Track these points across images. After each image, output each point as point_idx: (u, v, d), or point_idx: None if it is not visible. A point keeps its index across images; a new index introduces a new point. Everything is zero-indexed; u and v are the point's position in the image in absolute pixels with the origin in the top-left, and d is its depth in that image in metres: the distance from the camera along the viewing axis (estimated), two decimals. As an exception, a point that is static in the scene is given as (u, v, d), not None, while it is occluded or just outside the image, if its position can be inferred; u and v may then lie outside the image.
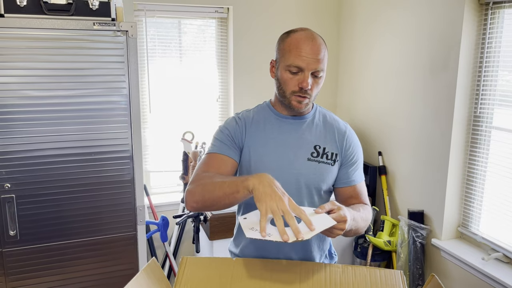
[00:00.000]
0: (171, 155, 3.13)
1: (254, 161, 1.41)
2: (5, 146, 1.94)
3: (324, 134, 1.45)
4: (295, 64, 1.31)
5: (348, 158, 1.45)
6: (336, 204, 1.19)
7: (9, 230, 1.99)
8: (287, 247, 1.45)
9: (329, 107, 3.38)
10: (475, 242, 2.42)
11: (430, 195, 2.56)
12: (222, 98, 3.20)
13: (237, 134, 1.43)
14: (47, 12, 1.92)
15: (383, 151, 2.94)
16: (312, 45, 1.31)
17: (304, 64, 1.31)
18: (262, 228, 1.06)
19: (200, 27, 3.07)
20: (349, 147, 1.46)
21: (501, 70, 2.22)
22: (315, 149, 1.42)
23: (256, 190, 1.11)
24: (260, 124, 1.45)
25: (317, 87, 1.36)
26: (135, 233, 2.21)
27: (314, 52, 1.31)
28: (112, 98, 2.05)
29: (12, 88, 1.91)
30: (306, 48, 1.31)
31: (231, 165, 1.40)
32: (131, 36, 2.02)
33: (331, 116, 1.51)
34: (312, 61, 1.31)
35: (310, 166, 1.41)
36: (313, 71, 1.32)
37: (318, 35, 1.35)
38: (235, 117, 1.48)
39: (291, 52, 1.32)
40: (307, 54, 1.30)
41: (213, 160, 1.39)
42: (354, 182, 1.45)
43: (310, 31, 1.36)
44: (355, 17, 3.14)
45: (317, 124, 1.46)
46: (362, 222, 1.33)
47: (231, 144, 1.42)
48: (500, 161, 2.25)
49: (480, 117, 2.34)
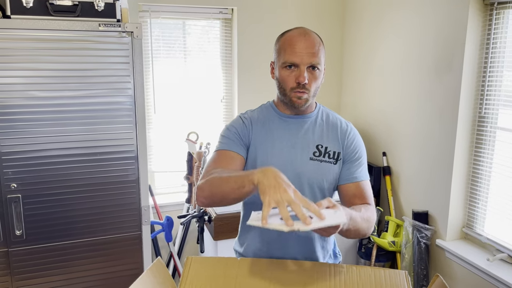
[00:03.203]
0: (175, 155, 3.14)
1: (259, 160, 1.43)
2: (12, 146, 1.95)
3: (326, 133, 1.46)
4: (290, 60, 1.34)
5: (350, 155, 1.45)
6: (332, 202, 1.17)
7: (15, 229, 2.01)
8: (291, 247, 1.45)
9: (333, 107, 3.38)
10: (480, 243, 2.41)
11: (434, 195, 2.55)
12: (227, 98, 3.21)
13: (244, 132, 1.45)
14: (53, 13, 1.94)
15: (388, 152, 2.94)
16: (305, 40, 1.34)
17: (299, 59, 1.33)
18: (263, 217, 1.05)
19: (204, 28, 3.08)
20: (351, 144, 1.46)
21: (506, 71, 2.21)
22: (317, 148, 1.43)
23: (260, 184, 1.11)
24: (265, 124, 1.46)
25: (315, 81, 1.37)
26: (140, 233, 2.22)
27: (307, 46, 1.33)
28: (117, 98, 2.06)
29: (19, 89, 1.93)
30: (300, 44, 1.34)
31: (240, 161, 1.41)
32: (136, 37, 2.03)
33: (334, 115, 1.53)
34: (306, 55, 1.33)
35: (312, 165, 1.42)
36: (308, 65, 1.34)
37: (312, 32, 1.38)
38: (241, 116, 1.50)
39: (286, 50, 1.35)
40: (300, 49, 1.33)
41: (222, 156, 1.40)
42: (357, 179, 1.44)
43: (304, 29, 1.38)
44: (359, 18, 3.13)
45: (320, 123, 1.48)
46: (364, 223, 1.30)
47: (239, 141, 1.43)
48: (505, 161, 2.24)
49: (485, 117, 2.33)
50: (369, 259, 2.83)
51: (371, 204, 1.45)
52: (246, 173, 1.18)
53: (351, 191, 1.45)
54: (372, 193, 1.48)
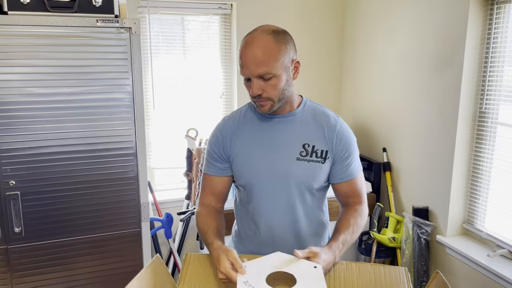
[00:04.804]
0: (174, 152, 3.13)
1: (242, 164, 1.43)
2: (10, 143, 1.94)
3: (313, 131, 1.41)
4: (241, 73, 1.32)
5: (340, 154, 1.42)
6: (313, 251, 1.22)
7: (14, 227, 2.00)
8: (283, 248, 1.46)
9: (333, 103, 3.37)
10: (480, 239, 2.41)
11: (435, 191, 2.55)
12: (226, 94, 3.20)
13: (220, 148, 1.46)
14: (50, 9, 1.92)
15: (388, 148, 2.93)
16: (249, 51, 1.28)
17: (247, 72, 1.30)
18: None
19: (203, 23, 3.06)
20: (340, 142, 1.41)
21: (506, 66, 2.20)
22: (304, 147, 1.40)
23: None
24: (247, 125, 1.45)
25: (273, 88, 1.31)
26: (139, 230, 2.21)
27: (252, 57, 1.27)
28: (116, 95, 2.05)
29: (16, 86, 1.91)
30: (246, 56, 1.28)
31: (225, 182, 1.50)
32: (134, 33, 2.02)
33: (321, 110, 1.46)
34: (252, 67, 1.28)
35: (299, 166, 1.40)
36: (257, 76, 1.29)
37: (262, 36, 1.29)
38: (220, 125, 1.49)
39: (239, 62, 1.32)
40: (247, 62, 1.28)
41: (208, 182, 1.51)
42: (350, 177, 1.44)
43: (252, 35, 1.31)
44: (359, 13, 3.12)
45: (306, 120, 1.43)
46: (355, 235, 1.40)
47: (219, 160, 1.47)
48: (505, 157, 2.23)
49: (486, 113, 2.32)
50: (369, 255, 2.82)
51: (363, 201, 1.48)
52: (210, 244, 1.34)
53: (344, 190, 1.46)
54: (364, 185, 1.50)
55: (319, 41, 3.26)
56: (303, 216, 1.46)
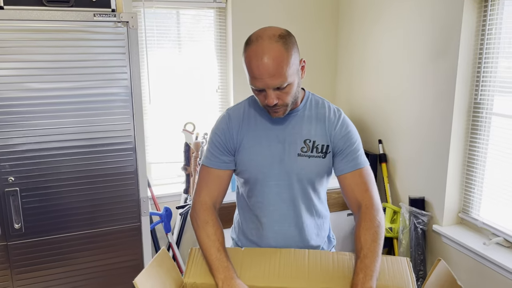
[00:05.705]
0: (171, 146, 3.13)
1: (246, 159, 1.43)
2: (8, 139, 1.93)
3: (315, 126, 1.42)
4: (254, 85, 1.29)
5: (341, 146, 1.42)
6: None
7: (13, 223, 2.00)
8: (285, 240, 1.47)
9: (328, 95, 3.38)
10: (476, 228, 2.45)
11: (430, 181, 2.58)
12: (222, 88, 3.20)
13: (227, 138, 1.44)
14: (46, 3, 1.91)
15: (383, 139, 2.96)
16: (261, 63, 1.23)
17: (262, 84, 1.27)
18: None
19: (198, 17, 3.05)
20: (341, 136, 1.42)
21: (501, 57, 2.23)
22: (305, 143, 1.41)
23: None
24: (251, 120, 1.45)
25: (288, 95, 1.31)
26: (139, 224, 2.21)
27: (266, 70, 1.24)
28: (114, 89, 2.04)
29: (13, 81, 1.90)
30: (258, 69, 1.24)
31: (227, 176, 1.47)
32: (131, 27, 2.01)
33: (323, 104, 1.47)
34: (267, 80, 1.25)
35: (300, 161, 1.41)
36: (274, 87, 1.27)
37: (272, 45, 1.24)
38: (226, 117, 1.47)
39: (248, 72, 1.29)
40: (260, 74, 1.25)
41: (208, 176, 1.46)
42: (353, 168, 1.41)
43: (261, 45, 1.25)
44: (354, 4, 3.12)
45: (308, 115, 1.44)
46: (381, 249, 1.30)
47: (224, 152, 1.44)
48: (500, 146, 2.27)
49: (481, 103, 2.35)
50: (366, 246, 2.85)
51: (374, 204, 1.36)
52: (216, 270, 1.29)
53: (347, 181, 1.42)
54: (373, 178, 1.43)
55: (313, 33, 3.27)
56: (305, 210, 1.47)
